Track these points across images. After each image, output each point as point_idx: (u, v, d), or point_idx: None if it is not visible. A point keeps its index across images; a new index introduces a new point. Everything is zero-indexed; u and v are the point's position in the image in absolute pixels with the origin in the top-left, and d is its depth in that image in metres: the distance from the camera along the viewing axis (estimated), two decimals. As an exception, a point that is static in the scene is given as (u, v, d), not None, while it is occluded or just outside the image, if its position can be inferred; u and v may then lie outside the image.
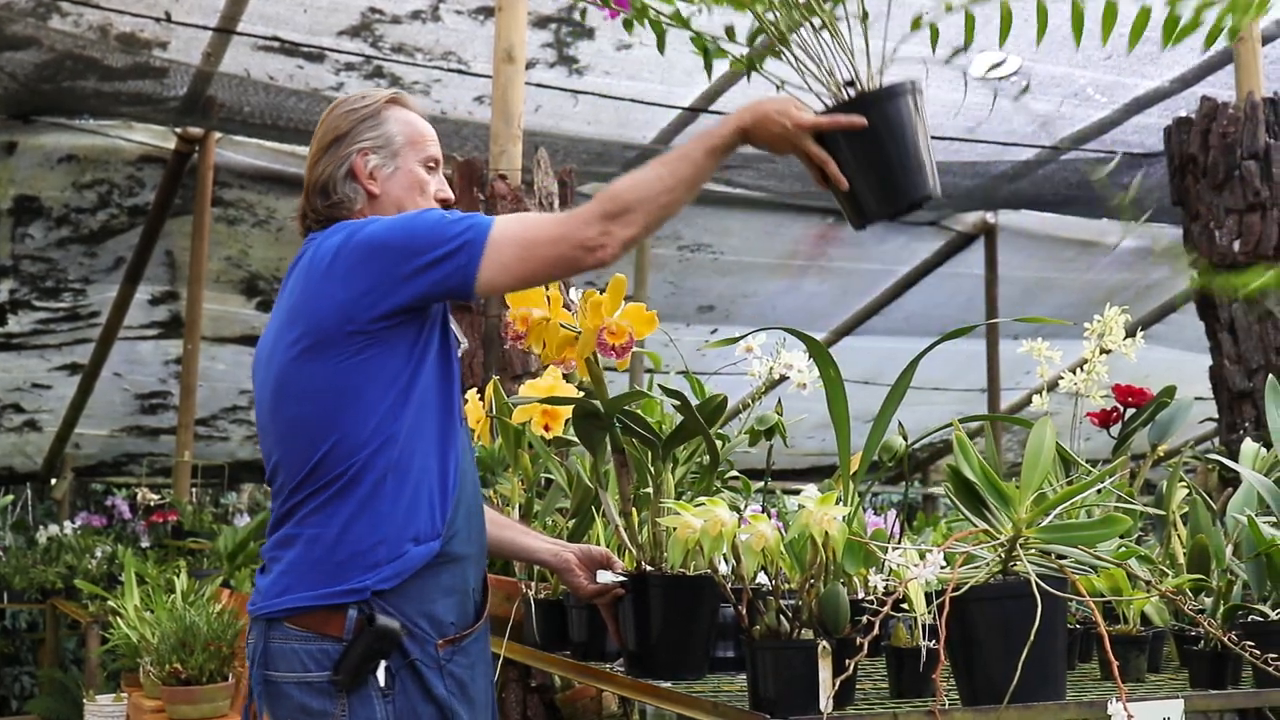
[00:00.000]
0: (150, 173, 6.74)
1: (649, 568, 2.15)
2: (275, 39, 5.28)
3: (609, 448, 2.22)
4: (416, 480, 2.03)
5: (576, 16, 5.21)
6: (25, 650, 9.85)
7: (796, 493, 1.94)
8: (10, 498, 10.20)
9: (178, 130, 6.55)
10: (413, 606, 2.01)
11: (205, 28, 5.21)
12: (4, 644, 9.81)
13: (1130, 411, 2.49)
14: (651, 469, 2.21)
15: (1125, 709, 1.63)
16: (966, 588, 1.67)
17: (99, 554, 7.77)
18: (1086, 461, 2.36)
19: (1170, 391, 2.48)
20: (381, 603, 1.99)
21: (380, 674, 1.98)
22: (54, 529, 8.26)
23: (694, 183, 2.00)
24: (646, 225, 1.97)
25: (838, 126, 2.04)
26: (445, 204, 2.24)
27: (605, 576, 2.23)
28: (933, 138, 2.06)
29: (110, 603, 4.68)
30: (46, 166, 6.47)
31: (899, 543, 2.01)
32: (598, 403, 2.16)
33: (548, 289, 2.15)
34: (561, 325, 2.16)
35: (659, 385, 2.25)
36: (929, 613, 1.73)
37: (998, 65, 5.50)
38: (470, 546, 2.12)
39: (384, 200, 2.19)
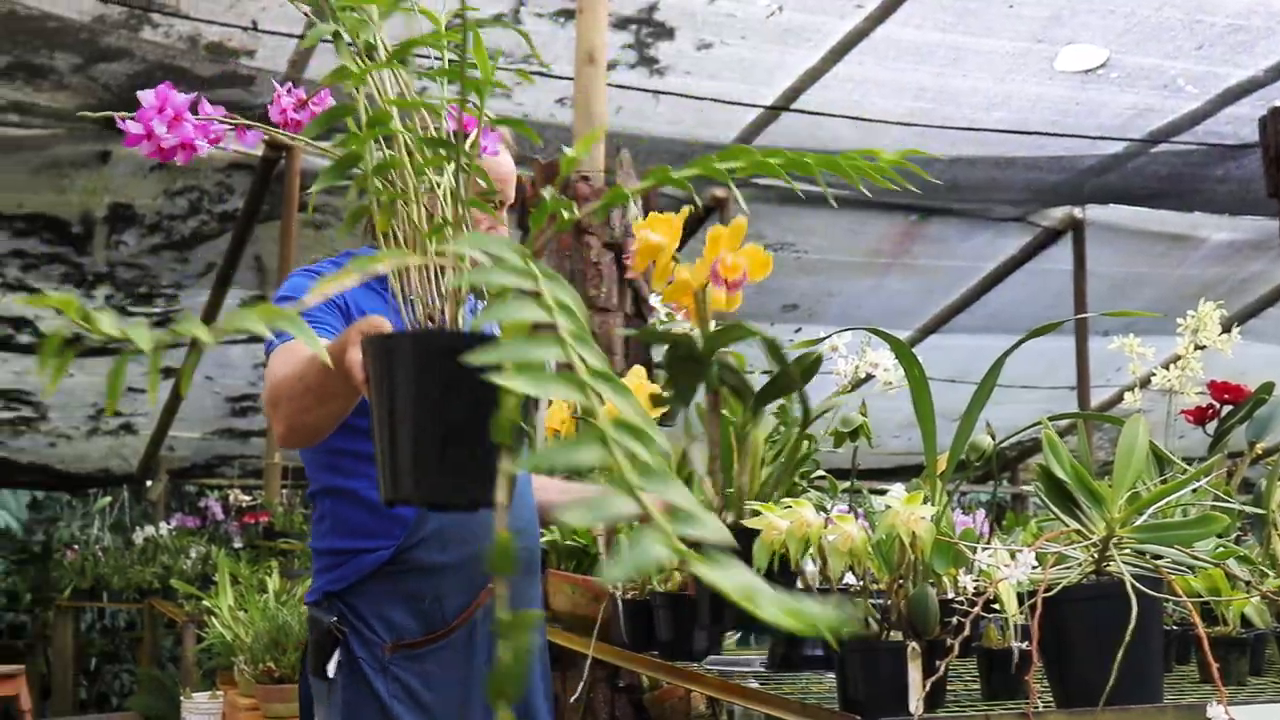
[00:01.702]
0: (239, 179, 6.85)
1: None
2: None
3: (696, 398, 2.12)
4: (373, 489, 2.06)
5: (657, 17, 5.22)
6: (124, 648, 10.08)
7: (883, 492, 1.93)
8: (108, 499, 10.43)
9: (265, 137, 6.64)
10: (366, 608, 2.12)
11: (291, 35, 5.28)
12: (104, 642, 10.04)
13: (1227, 408, 2.44)
14: (739, 424, 2.14)
15: (1226, 713, 1.60)
16: (1059, 588, 1.65)
17: (193, 554, 7.92)
18: (1181, 460, 2.31)
19: (1269, 388, 2.42)
20: (338, 603, 2.13)
21: (330, 666, 2.12)
22: (150, 530, 8.43)
23: (321, 393, 1.77)
24: (290, 427, 1.87)
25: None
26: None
27: None
28: (1018, 132, 1.95)
29: (205, 602, 4.76)
30: (139, 175, 6.59)
31: (989, 542, 1.99)
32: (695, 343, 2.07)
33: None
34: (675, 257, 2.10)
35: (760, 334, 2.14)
36: (1021, 613, 1.71)
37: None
38: (445, 556, 2.13)
39: None
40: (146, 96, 1.27)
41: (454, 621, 2.15)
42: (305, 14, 1.32)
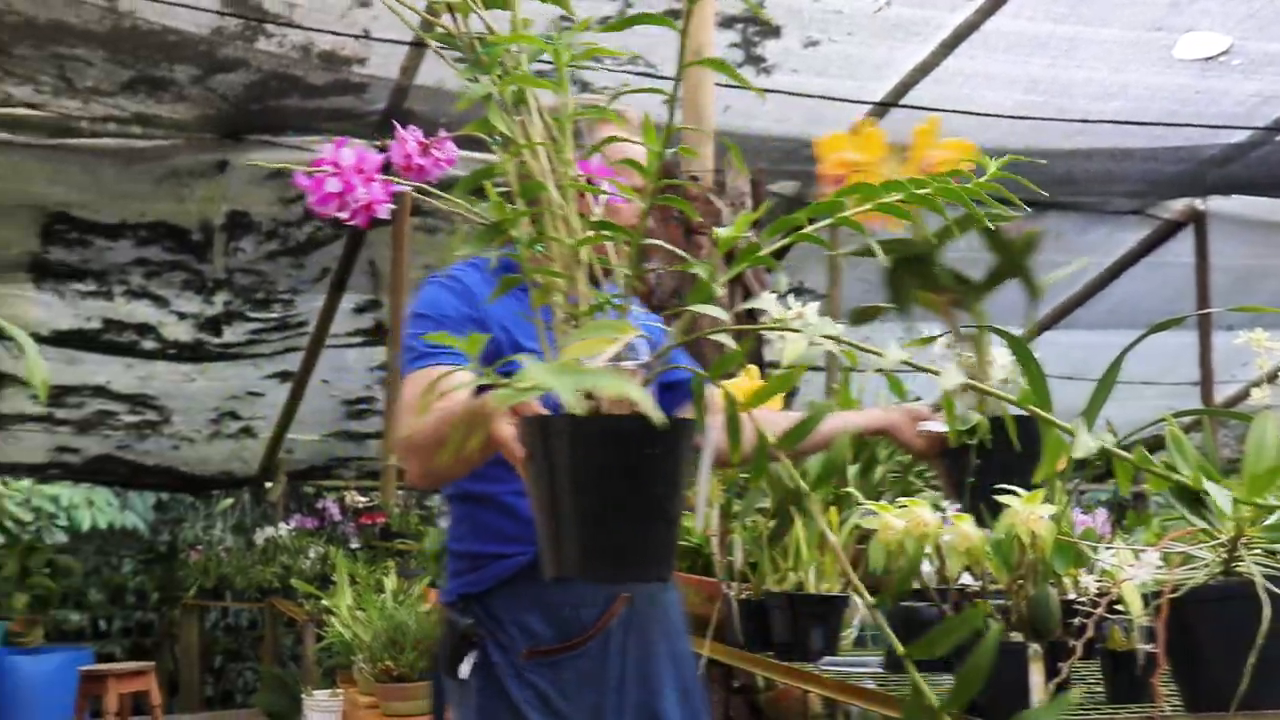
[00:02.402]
0: (353, 185, 6.96)
1: None
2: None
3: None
4: (514, 496, 2.10)
5: (765, 15, 5.20)
6: (247, 646, 10.31)
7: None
8: (230, 501, 10.68)
9: (377, 143, 6.75)
10: (504, 613, 2.12)
11: (402, 42, 5.35)
12: (228, 640, 10.28)
13: (1359, 403, 2.36)
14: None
15: (1362, 717, 1.55)
16: (1186, 589, 1.61)
17: (312, 555, 8.07)
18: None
19: (1403, 381, 2.34)
20: (475, 606, 2.14)
21: (464, 668, 2.13)
22: (270, 531, 8.61)
23: (462, 457, 1.74)
24: (424, 474, 1.92)
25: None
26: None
27: (931, 426, 2.21)
28: (1135, 123, 1.88)
29: (324, 602, 4.84)
30: (255, 183, 6.74)
31: (1110, 542, 1.94)
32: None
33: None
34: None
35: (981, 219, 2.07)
36: (1146, 615, 1.67)
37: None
38: None
39: None
40: (346, 154, 1.28)
41: (590, 630, 2.14)
42: (425, 41, 1.33)
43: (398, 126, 1.35)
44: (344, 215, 1.29)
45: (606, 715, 2.15)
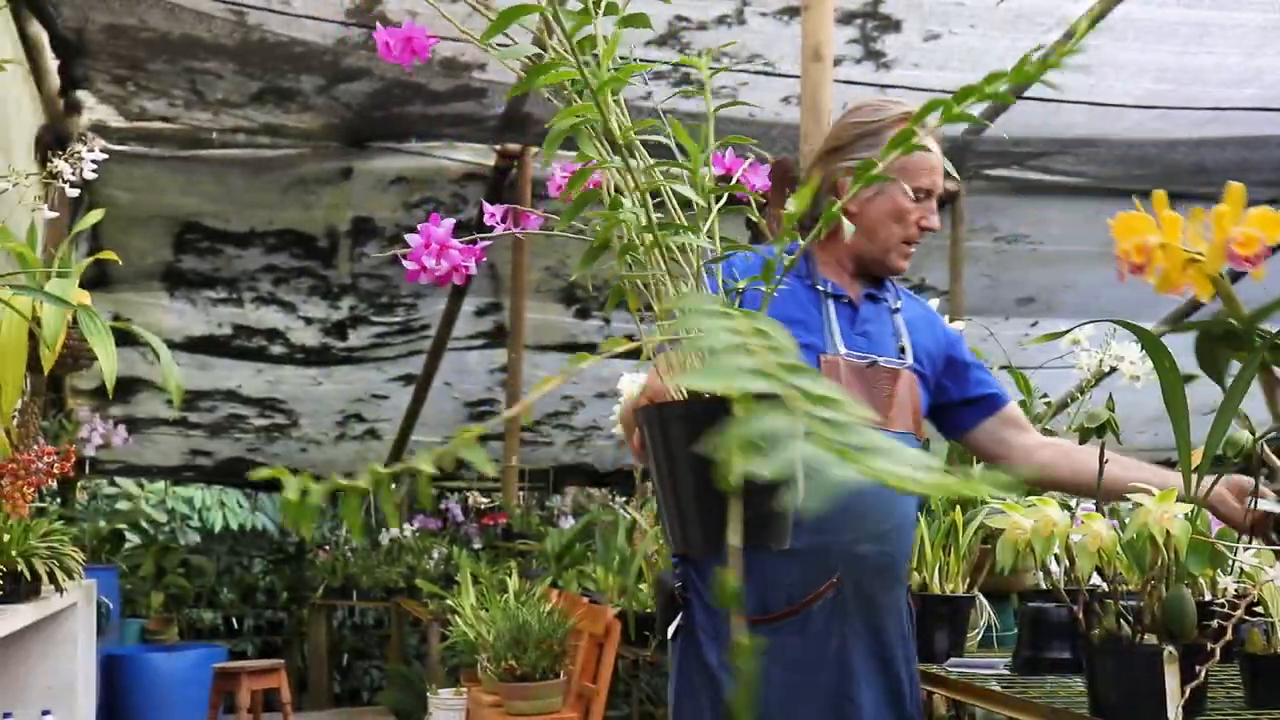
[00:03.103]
0: (473, 190, 7.05)
1: None
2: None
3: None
4: None
5: (883, 10, 5.14)
6: (373, 645, 10.48)
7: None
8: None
9: (497, 147, 6.83)
10: (713, 577, 2.14)
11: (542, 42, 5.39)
12: (355, 639, 10.46)
13: None
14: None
15: None
16: (1329, 591, 1.55)
17: (435, 555, 8.19)
18: None
19: None
20: (689, 568, 2.23)
21: (671, 628, 2.23)
22: (395, 531, 8.74)
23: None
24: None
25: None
26: (926, 231, 2.29)
27: (1267, 505, 2.13)
28: (1271, 109, 1.80)
29: (448, 601, 4.90)
30: (379, 189, 6.85)
31: (1249, 542, 1.89)
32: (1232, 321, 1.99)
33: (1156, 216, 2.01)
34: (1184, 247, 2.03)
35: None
36: (1287, 617, 1.62)
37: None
38: (796, 541, 2.13)
39: (861, 221, 2.29)
40: (414, 239, 1.45)
41: (794, 605, 2.18)
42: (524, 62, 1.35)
43: (556, 171, 1.42)
44: (438, 280, 1.45)
45: (799, 693, 2.19)
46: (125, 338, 3.08)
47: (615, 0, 1.25)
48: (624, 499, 8.21)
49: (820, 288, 2.31)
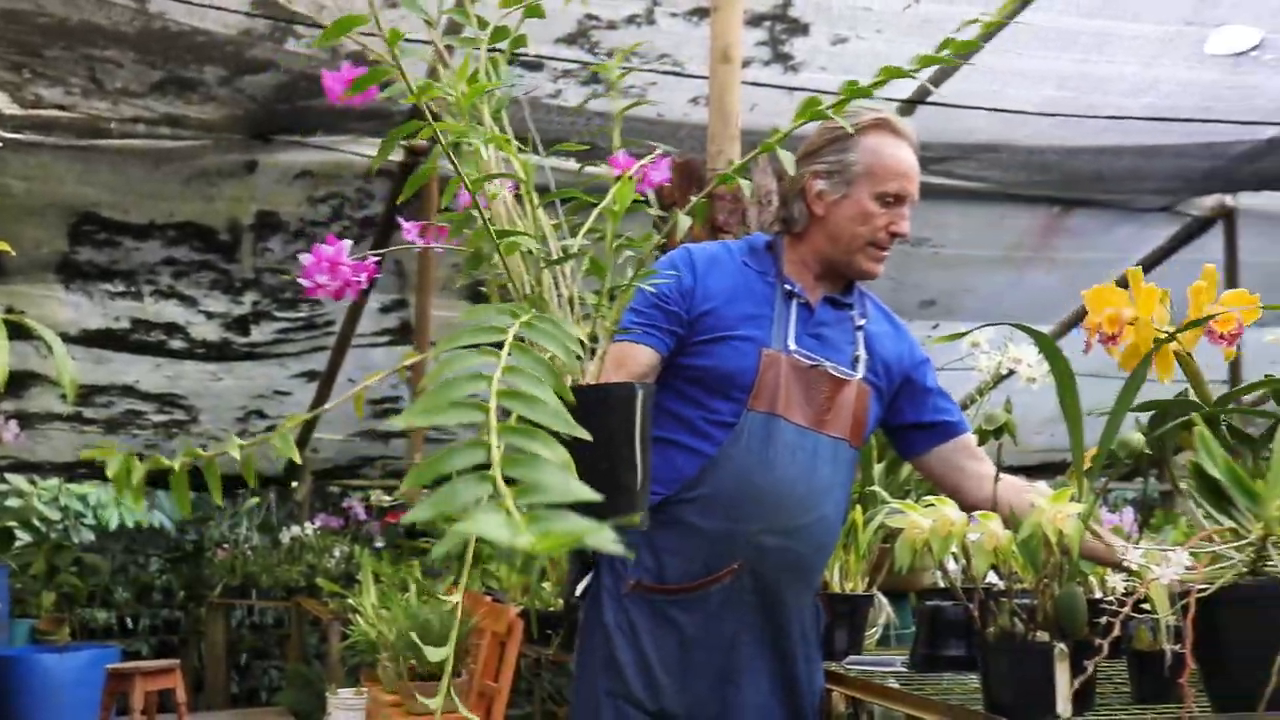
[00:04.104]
0: (379, 185, 6.98)
1: None
2: (495, 50, 5.39)
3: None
4: (663, 441, 2.17)
5: (792, 13, 5.18)
6: (273, 645, 10.35)
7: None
8: (256, 500, 10.72)
9: (404, 143, 6.76)
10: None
11: (428, 43, 5.35)
12: (254, 639, 10.32)
13: (1392, 401, 2.33)
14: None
15: (1394, 719, 1.53)
16: (1214, 589, 1.59)
17: (337, 554, 8.11)
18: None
19: None
20: None
21: (579, 588, 2.29)
22: (296, 530, 8.64)
23: None
24: None
25: None
26: (896, 237, 2.30)
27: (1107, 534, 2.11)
28: (1166, 119, 1.87)
29: (349, 600, 4.86)
30: (284, 183, 6.76)
31: (1138, 541, 1.93)
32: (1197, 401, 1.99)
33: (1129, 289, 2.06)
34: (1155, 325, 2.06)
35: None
36: (1173, 614, 1.65)
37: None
38: (706, 522, 2.18)
39: (827, 224, 2.31)
40: (306, 258, 1.56)
41: (693, 583, 2.22)
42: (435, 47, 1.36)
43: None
44: (332, 295, 1.56)
45: (688, 670, 2.22)
46: (18, 331, 3.01)
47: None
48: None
49: (781, 285, 2.33)
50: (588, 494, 0.71)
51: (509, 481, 0.71)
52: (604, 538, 0.65)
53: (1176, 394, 2.05)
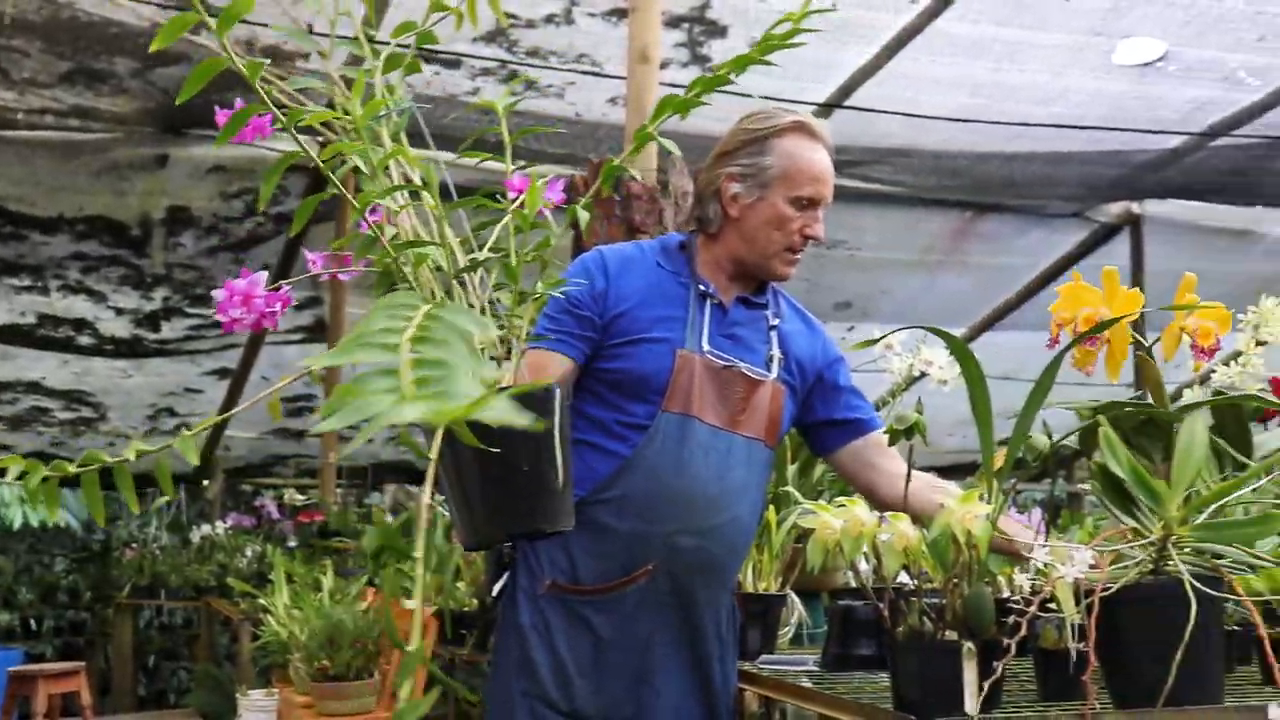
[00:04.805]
0: (294, 181, 6.89)
1: None
2: (403, 47, 5.35)
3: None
4: (579, 443, 2.18)
5: (710, 15, 5.20)
6: (182, 646, 10.19)
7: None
8: (165, 499, 10.55)
9: (319, 139, 6.70)
10: (540, 542, 2.22)
11: (343, 38, 5.30)
12: (162, 640, 10.15)
13: (1289, 405, 2.39)
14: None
15: (1287, 714, 1.57)
16: (1117, 588, 1.62)
17: (249, 553, 8.00)
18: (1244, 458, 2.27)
19: (1331, 384, 2.38)
20: None
21: (496, 587, 2.30)
22: (206, 529, 8.52)
23: None
24: None
25: None
26: (810, 240, 2.32)
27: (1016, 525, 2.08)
28: (1074, 126, 1.90)
29: (260, 600, 4.80)
30: (196, 177, 6.66)
31: (1044, 541, 1.96)
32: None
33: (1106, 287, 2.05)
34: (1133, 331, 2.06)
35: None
36: (1078, 613, 1.68)
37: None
38: (620, 523, 2.19)
39: (742, 227, 2.32)
40: (219, 294, 1.56)
41: (608, 584, 2.23)
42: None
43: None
44: (248, 326, 1.57)
45: (603, 671, 2.23)
46: (-82, 325, 2.94)
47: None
48: (443, 497, 8.14)
49: (695, 286, 2.33)
50: (487, 372, 0.73)
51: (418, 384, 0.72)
52: (498, 408, 0.65)
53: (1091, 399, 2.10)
